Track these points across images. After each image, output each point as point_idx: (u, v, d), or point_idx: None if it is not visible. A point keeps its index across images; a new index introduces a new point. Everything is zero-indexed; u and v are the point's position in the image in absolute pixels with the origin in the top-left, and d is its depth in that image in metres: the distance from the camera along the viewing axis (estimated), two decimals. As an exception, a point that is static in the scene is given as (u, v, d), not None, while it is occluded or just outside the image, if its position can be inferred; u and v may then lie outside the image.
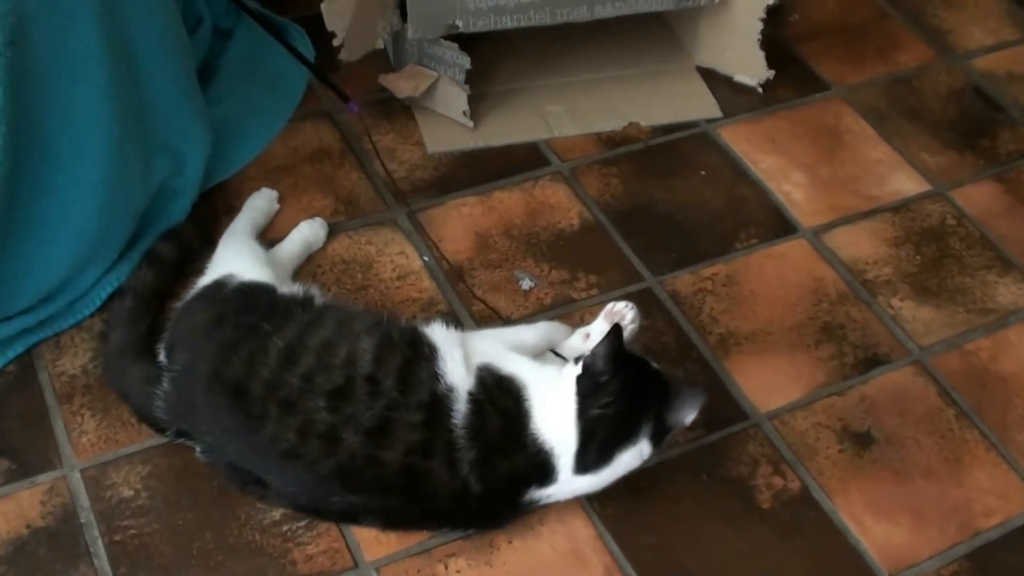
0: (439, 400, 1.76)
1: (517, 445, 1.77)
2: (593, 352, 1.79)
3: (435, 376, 1.78)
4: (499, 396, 1.79)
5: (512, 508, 1.82)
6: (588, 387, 1.77)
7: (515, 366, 1.84)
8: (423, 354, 1.80)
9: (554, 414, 1.78)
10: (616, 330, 1.79)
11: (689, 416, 1.81)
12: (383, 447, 1.73)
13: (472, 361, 1.82)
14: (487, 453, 1.75)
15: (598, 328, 1.97)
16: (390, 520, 1.82)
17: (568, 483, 1.80)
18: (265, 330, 1.82)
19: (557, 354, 1.96)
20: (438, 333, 1.85)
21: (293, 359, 1.78)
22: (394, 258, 2.22)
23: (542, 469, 1.78)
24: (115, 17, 1.91)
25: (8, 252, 1.90)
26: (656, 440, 1.80)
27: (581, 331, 1.99)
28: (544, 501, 1.82)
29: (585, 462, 1.78)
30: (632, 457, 1.79)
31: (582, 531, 1.87)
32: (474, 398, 1.77)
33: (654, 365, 1.85)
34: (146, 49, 2.01)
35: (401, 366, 1.78)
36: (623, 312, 1.99)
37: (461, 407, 1.76)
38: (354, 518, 1.83)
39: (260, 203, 2.23)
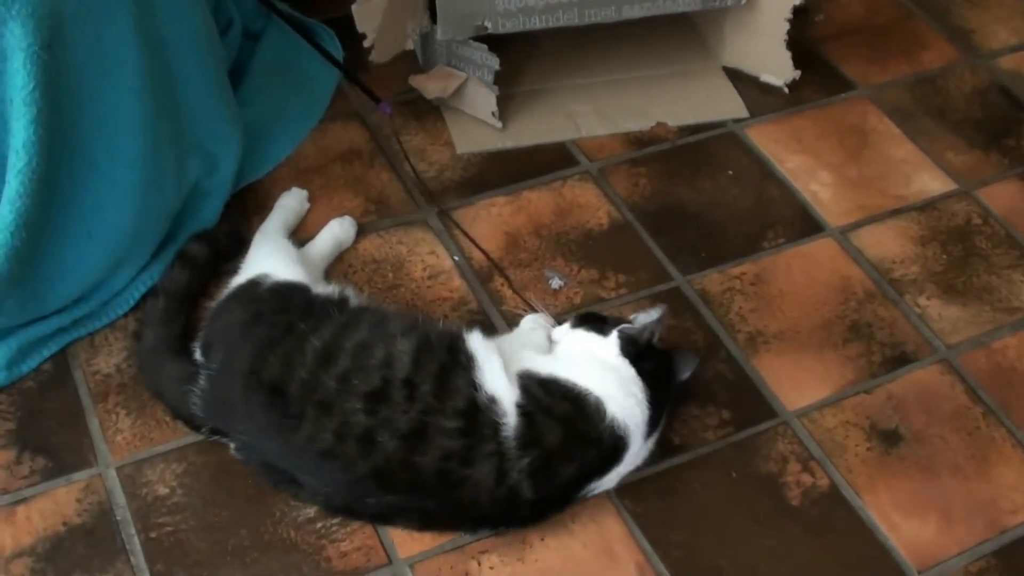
0: (479, 410, 1.76)
1: (586, 444, 1.79)
2: (645, 326, 1.89)
3: (473, 386, 1.77)
4: (552, 403, 1.80)
5: (564, 506, 1.84)
6: (634, 353, 1.88)
7: (552, 367, 1.85)
8: (461, 362, 1.80)
9: (626, 396, 1.82)
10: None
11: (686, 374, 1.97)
12: (419, 452, 1.73)
13: (511, 369, 1.83)
14: (544, 461, 1.76)
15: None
16: (425, 521, 1.82)
17: (633, 457, 1.84)
18: (301, 329, 1.83)
19: None
20: (476, 342, 1.84)
21: (330, 359, 1.79)
22: (425, 257, 2.23)
23: (612, 456, 1.82)
24: (149, 19, 1.92)
25: (43, 252, 1.91)
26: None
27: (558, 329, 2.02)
28: (593, 492, 1.85)
29: (657, 412, 1.86)
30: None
31: (613, 529, 1.88)
32: (524, 410, 1.77)
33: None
34: (179, 51, 2.03)
35: (438, 372, 1.78)
36: None
37: (510, 419, 1.76)
38: (388, 519, 1.83)
39: (291, 203, 2.24)
